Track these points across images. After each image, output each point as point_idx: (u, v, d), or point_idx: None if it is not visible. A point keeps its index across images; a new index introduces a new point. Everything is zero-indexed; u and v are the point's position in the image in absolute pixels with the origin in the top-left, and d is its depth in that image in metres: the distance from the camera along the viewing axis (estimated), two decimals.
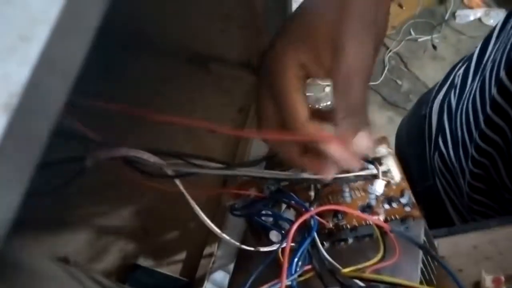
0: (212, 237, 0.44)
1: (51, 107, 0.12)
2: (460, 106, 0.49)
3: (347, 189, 0.34)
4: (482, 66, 0.46)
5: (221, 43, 0.51)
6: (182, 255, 0.46)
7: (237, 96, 0.52)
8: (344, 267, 0.30)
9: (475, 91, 0.45)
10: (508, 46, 0.38)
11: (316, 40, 0.27)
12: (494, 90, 0.40)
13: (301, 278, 0.31)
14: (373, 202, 0.33)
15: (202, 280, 0.41)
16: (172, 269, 0.44)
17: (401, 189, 0.32)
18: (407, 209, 0.32)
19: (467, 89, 0.48)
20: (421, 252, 0.28)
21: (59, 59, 0.12)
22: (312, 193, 0.34)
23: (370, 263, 0.29)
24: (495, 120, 0.40)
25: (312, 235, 0.31)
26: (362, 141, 0.27)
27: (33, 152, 0.12)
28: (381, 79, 1.80)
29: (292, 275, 0.29)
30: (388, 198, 0.32)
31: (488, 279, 0.25)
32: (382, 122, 1.63)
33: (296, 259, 0.30)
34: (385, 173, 0.31)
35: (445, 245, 0.31)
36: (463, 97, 0.48)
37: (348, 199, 0.34)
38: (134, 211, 0.45)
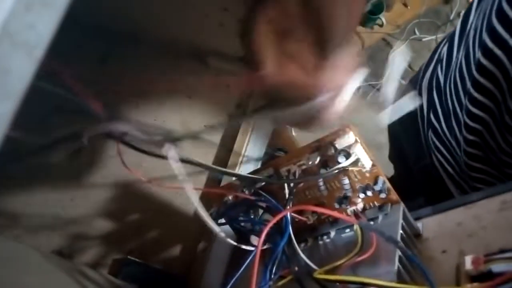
0: (207, 233, 0.44)
1: (13, 85, 0.11)
2: (448, 79, 0.48)
3: (321, 183, 0.32)
4: (465, 36, 0.45)
5: (219, 38, 0.50)
6: (176, 250, 0.46)
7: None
8: (325, 263, 0.29)
9: (461, 60, 0.45)
10: (488, 11, 0.38)
11: None
12: (478, 54, 0.40)
13: (281, 282, 0.31)
14: (349, 193, 0.32)
15: (196, 275, 0.41)
16: (165, 263, 0.44)
17: (375, 176, 0.31)
18: (382, 195, 0.31)
19: (453, 61, 0.48)
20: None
21: (21, 32, 0.11)
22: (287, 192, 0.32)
23: (346, 259, 0.28)
24: (483, 83, 0.40)
25: (284, 238, 0.30)
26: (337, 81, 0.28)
27: None
28: (385, 78, 1.79)
29: (265, 283, 0.29)
30: (363, 187, 0.31)
31: (468, 260, 0.24)
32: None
33: (269, 266, 0.30)
34: (355, 162, 0.30)
35: (430, 225, 0.30)
36: (450, 69, 0.48)
37: (324, 192, 0.33)
38: (129, 206, 0.45)
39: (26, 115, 0.26)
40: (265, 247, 0.32)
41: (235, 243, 0.33)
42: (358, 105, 0.30)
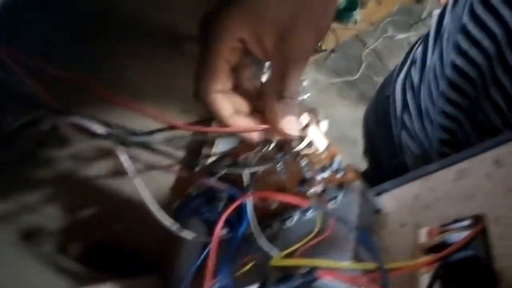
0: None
1: None
2: (422, 79, 0.49)
3: (280, 167, 0.33)
4: (440, 38, 0.46)
5: (195, 22, 0.50)
6: (148, 238, 0.45)
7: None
8: (287, 247, 0.29)
9: (435, 62, 0.46)
10: (463, 13, 0.39)
11: (264, 22, 0.27)
12: (452, 54, 0.41)
13: (243, 270, 0.31)
14: (308, 175, 0.32)
15: (169, 262, 0.41)
16: (137, 250, 0.43)
17: (331, 155, 0.31)
18: (339, 175, 0.31)
19: (427, 62, 0.49)
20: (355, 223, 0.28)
21: None
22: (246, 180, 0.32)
23: (302, 243, 0.29)
24: (455, 82, 0.41)
25: (244, 225, 0.30)
26: (292, 125, 0.29)
27: None
28: (358, 75, 1.82)
29: (226, 270, 0.29)
30: (320, 169, 0.31)
31: (422, 233, 0.25)
32: (357, 116, 1.64)
33: (230, 253, 0.30)
34: (309, 145, 0.30)
35: (389, 200, 0.31)
36: (425, 71, 0.49)
37: (284, 177, 0.33)
38: (102, 193, 0.45)
39: None
40: (226, 236, 0.32)
41: (189, 238, 0.33)
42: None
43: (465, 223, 0.23)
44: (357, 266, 0.25)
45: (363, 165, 0.91)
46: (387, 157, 0.65)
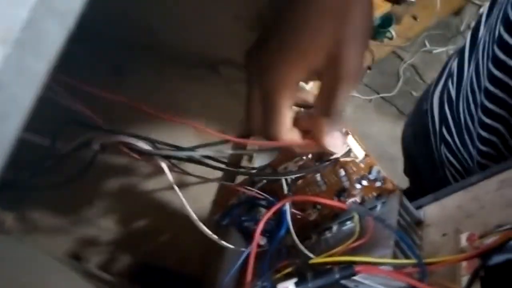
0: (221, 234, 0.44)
1: (49, 47, 0.13)
2: (460, 93, 0.49)
3: (319, 177, 0.33)
4: (475, 50, 0.46)
5: (230, 46, 0.52)
6: (192, 252, 0.46)
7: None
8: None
9: (471, 74, 0.45)
10: (498, 25, 0.39)
11: (313, 51, 0.28)
12: (489, 66, 0.40)
13: (279, 275, 0.31)
14: (347, 185, 0.32)
15: (212, 275, 0.41)
16: (180, 265, 0.44)
17: (369, 166, 0.31)
18: (378, 184, 0.31)
19: (464, 75, 0.48)
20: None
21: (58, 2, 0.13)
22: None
23: (342, 247, 0.29)
24: (495, 93, 0.40)
25: (282, 230, 0.31)
26: (336, 141, 0.30)
27: (32, 87, 0.13)
28: (396, 90, 1.79)
29: (266, 277, 0.29)
30: (358, 178, 0.32)
31: (463, 238, 0.25)
32: (396, 133, 1.62)
33: (268, 259, 0.30)
34: (347, 153, 0.30)
35: (431, 212, 0.30)
36: (462, 84, 0.48)
37: (323, 187, 0.34)
38: (144, 208, 0.46)
39: (42, 125, 0.28)
40: (266, 244, 0.33)
41: (229, 245, 0.34)
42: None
43: (507, 226, 0.23)
44: (395, 261, 0.25)
45: (403, 183, 0.89)
46: (428, 173, 0.64)
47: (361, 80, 1.79)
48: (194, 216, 0.32)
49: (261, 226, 0.28)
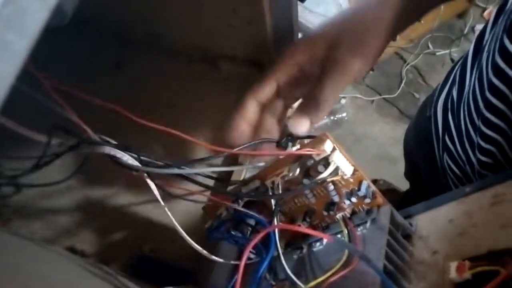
0: None
1: (30, 24, 0.13)
2: (462, 100, 0.48)
3: (308, 191, 0.32)
4: (479, 58, 0.45)
5: (229, 40, 0.51)
6: (190, 247, 0.46)
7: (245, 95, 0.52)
8: (315, 276, 0.30)
9: (474, 82, 0.44)
10: (500, 34, 0.38)
11: (317, 41, 0.36)
12: (491, 75, 0.39)
13: None
14: (336, 199, 0.31)
15: (205, 269, 0.41)
16: (177, 259, 0.43)
17: (358, 181, 0.30)
18: (367, 200, 0.30)
19: (466, 83, 0.47)
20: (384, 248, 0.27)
21: None
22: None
23: (328, 275, 0.28)
24: (495, 104, 0.40)
25: (268, 257, 0.30)
26: (300, 126, 0.35)
27: (13, 63, 0.12)
28: (398, 92, 1.78)
29: None
30: (348, 193, 0.31)
31: (452, 267, 0.24)
32: (398, 134, 1.61)
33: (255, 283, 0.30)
34: (335, 171, 0.29)
35: (422, 223, 0.30)
36: (464, 91, 0.48)
37: (312, 200, 0.33)
38: (139, 206, 0.46)
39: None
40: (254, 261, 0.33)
41: (219, 259, 0.34)
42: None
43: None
44: None
45: (404, 184, 0.88)
46: (429, 179, 0.63)
47: (363, 81, 1.78)
48: (183, 233, 0.31)
49: (246, 254, 0.28)
